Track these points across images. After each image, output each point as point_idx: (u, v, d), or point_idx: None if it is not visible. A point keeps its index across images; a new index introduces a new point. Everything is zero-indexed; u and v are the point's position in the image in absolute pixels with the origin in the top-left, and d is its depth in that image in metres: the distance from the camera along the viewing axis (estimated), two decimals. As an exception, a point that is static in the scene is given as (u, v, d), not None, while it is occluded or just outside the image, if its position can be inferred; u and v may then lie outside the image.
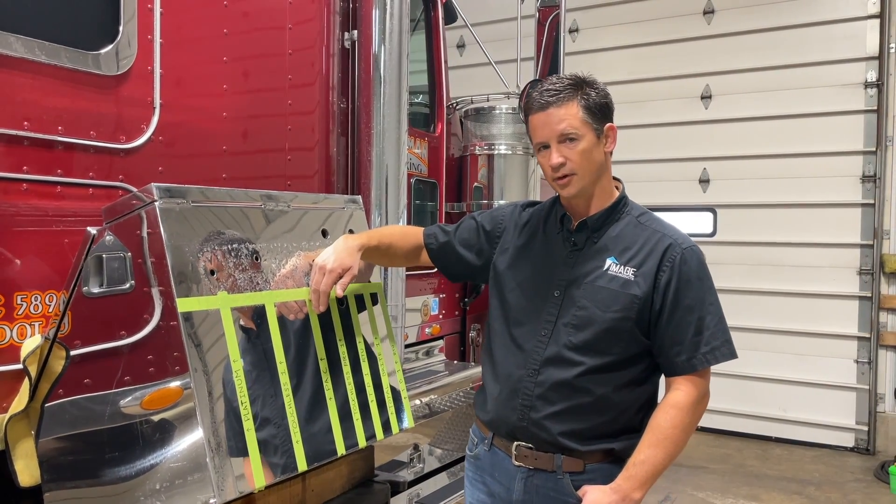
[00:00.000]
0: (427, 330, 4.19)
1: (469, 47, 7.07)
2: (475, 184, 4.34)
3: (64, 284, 2.06)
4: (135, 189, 2.20)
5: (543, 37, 4.34)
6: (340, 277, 1.93)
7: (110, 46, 2.14)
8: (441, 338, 4.39)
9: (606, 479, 1.84)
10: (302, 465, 1.84)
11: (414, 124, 3.96)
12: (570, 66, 4.09)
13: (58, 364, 1.98)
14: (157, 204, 1.73)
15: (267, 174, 2.68)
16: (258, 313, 1.87)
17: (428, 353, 4.24)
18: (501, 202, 4.28)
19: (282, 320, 1.92)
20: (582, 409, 1.86)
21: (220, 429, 1.70)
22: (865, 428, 6.05)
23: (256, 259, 1.91)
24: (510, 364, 1.94)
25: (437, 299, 4.33)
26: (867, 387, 6.01)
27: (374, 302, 2.24)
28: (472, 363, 4.56)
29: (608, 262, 1.88)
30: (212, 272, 1.79)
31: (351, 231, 2.23)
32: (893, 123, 5.97)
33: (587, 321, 1.86)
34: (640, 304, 1.83)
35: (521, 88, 4.10)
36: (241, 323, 1.83)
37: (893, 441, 5.91)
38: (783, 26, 6.37)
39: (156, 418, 2.26)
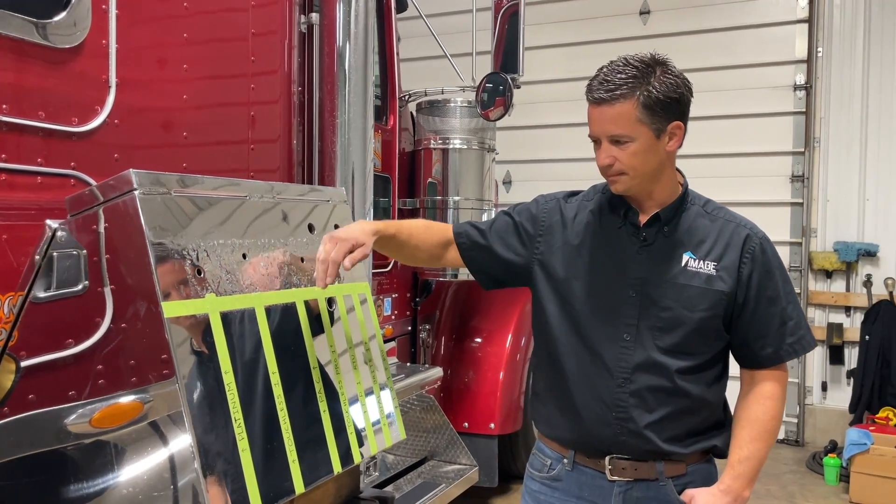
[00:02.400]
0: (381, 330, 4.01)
1: (405, 41, 6.90)
2: (429, 179, 4.19)
3: (11, 287, 1.79)
4: (87, 177, 1.94)
5: (496, 30, 4.23)
6: (352, 251, 1.69)
7: (62, 15, 1.88)
8: (392, 339, 4.22)
9: (704, 478, 1.77)
10: (299, 486, 1.64)
11: (366, 116, 3.79)
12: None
13: (7, 379, 1.72)
14: (136, 193, 1.50)
15: (230, 166, 2.45)
16: (247, 318, 1.67)
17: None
18: (456, 198, 4.15)
19: (271, 325, 1.72)
20: (682, 412, 1.75)
21: (214, 453, 1.49)
22: (795, 420, 6.24)
23: (244, 257, 1.70)
24: (590, 375, 1.79)
25: (389, 299, 4.16)
26: (797, 380, 6.20)
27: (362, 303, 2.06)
28: (424, 365, 4.42)
29: (685, 257, 1.76)
30: (198, 271, 1.57)
31: (336, 227, 2.04)
32: (821, 125, 6.17)
33: (675, 323, 1.74)
34: (727, 300, 1.74)
35: (478, 83, 3.97)
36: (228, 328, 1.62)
37: (821, 433, 6.12)
38: (716, 28, 6.49)
39: (109, 437, 2.02)
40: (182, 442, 1.52)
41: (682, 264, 1.75)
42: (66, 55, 1.90)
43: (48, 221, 1.71)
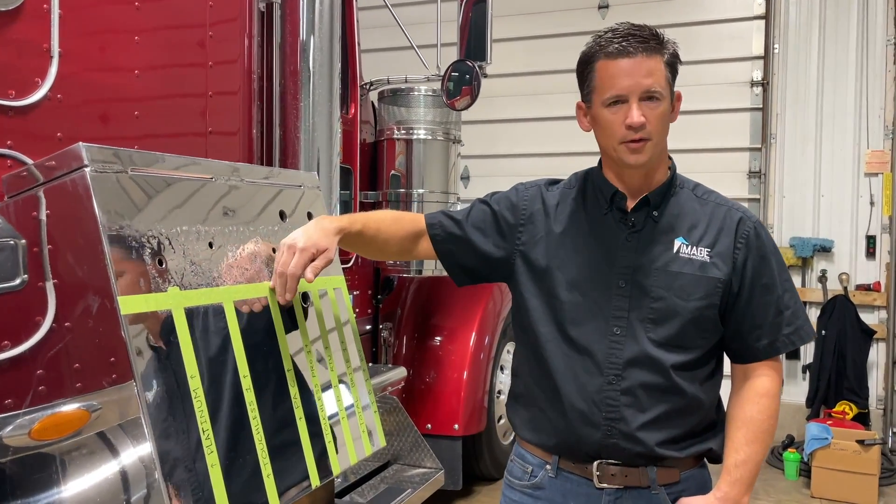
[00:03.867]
0: (342, 329, 3.82)
1: (367, 31, 6.71)
2: (392, 171, 4.01)
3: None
4: (25, 158, 1.72)
5: (461, 15, 4.07)
6: (313, 260, 1.55)
7: (-5, -29, 1.66)
8: (353, 339, 4.04)
9: (699, 487, 1.64)
10: (274, 502, 1.46)
11: (326, 104, 3.59)
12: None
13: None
14: (87, 171, 1.29)
15: (186, 148, 2.23)
16: (215, 315, 1.47)
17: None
18: (420, 191, 3.98)
19: (240, 323, 1.53)
20: (677, 411, 1.62)
21: (179, 469, 1.29)
22: (752, 415, 6.28)
23: (210, 246, 1.51)
24: (578, 373, 1.65)
25: (350, 297, 3.96)
26: (754, 375, 6.24)
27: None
28: (387, 364, 4.25)
29: (677, 243, 1.63)
30: (160, 262, 1.37)
31: (310, 214, 1.85)
32: (777, 122, 6.21)
33: (668, 313, 1.61)
34: (722, 288, 1.62)
35: (443, 72, 3.81)
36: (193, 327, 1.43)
37: (778, 427, 6.15)
38: (674, 24, 6.46)
39: (53, 451, 1.81)
40: (135, 454, 1.33)
41: (675, 251, 1.64)
42: (1, 20, 1.67)
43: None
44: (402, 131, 3.97)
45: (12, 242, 1.63)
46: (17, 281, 1.70)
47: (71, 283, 1.50)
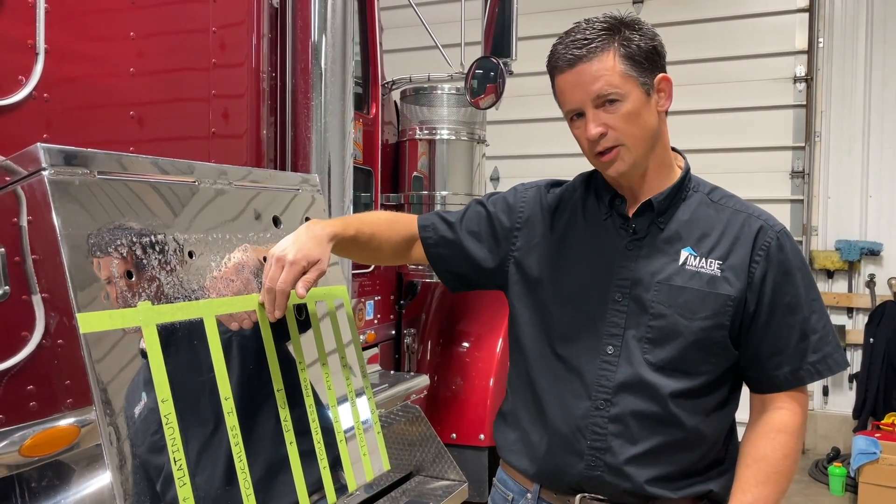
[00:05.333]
0: (361, 337, 3.70)
1: (390, 31, 6.61)
2: (414, 173, 3.87)
3: None
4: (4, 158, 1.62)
5: (486, 12, 3.92)
6: (304, 273, 1.42)
7: (-28, -38, 1.56)
8: (375, 345, 3.91)
9: None
10: (258, 540, 1.33)
11: (346, 104, 3.47)
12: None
13: None
14: (45, 174, 1.18)
15: (186, 149, 2.13)
16: (193, 330, 1.35)
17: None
18: (444, 193, 3.84)
19: (224, 339, 1.40)
20: (673, 446, 1.44)
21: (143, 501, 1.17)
22: (795, 426, 6.01)
23: (190, 256, 1.38)
24: (563, 395, 1.48)
25: (371, 302, 3.85)
26: (797, 385, 5.98)
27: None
28: (409, 372, 4.12)
29: (684, 253, 1.45)
30: (129, 274, 1.25)
31: (307, 219, 1.72)
32: (822, 119, 5.94)
33: (669, 333, 1.43)
34: (734, 307, 1.43)
35: (467, 69, 3.67)
36: (166, 346, 1.30)
37: (823, 439, 5.88)
38: (712, 18, 6.25)
39: (43, 467, 1.73)
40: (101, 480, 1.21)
41: (680, 262, 1.46)
42: (-22, 13, 1.58)
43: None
44: (425, 131, 3.84)
45: (-10, 251, 1.54)
46: (-1, 292, 1.61)
47: (44, 297, 1.40)
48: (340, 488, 1.57)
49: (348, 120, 2.60)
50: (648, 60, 1.41)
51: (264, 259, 1.54)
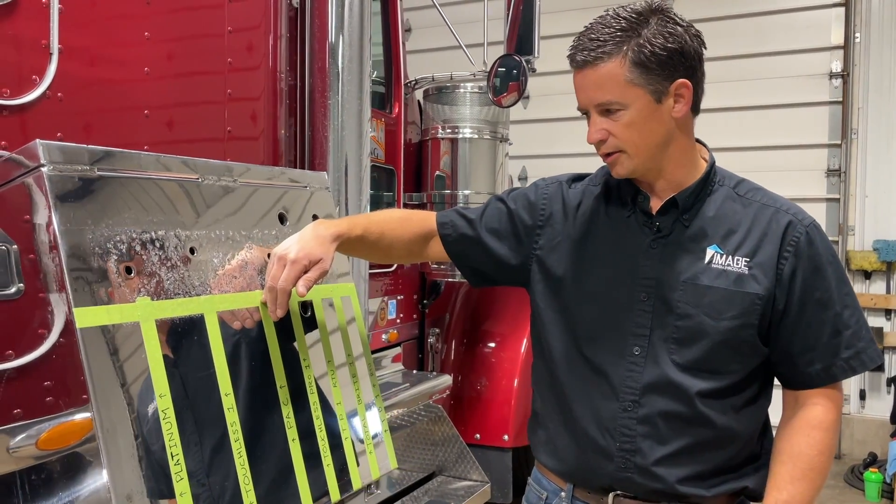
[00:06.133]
0: (384, 336, 3.70)
1: (417, 31, 6.61)
2: (437, 172, 3.86)
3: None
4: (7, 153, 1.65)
5: (509, 10, 3.90)
6: (306, 271, 1.42)
7: (-14, -36, 1.59)
8: (398, 344, 3.91)
9: None
10: (257, 536, 1.33)
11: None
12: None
13: None
14: (44, 171, 1.19)
15: (201, 149, 2.14)
16: (193, 326, 1.35)
17: (382, 363, 3.76)
18: (466, 192, 3.83)
19: (226, 336, 1.41)
20: (703, 445, 1.42)
21: (137, 498, 1.18)
22: (831, 430, 5.87)
23: (192, 252, 1.39)
24: (591, 395, 1.47)
25: (394, 301, 3.84)
26: (833, 388, 5.84)
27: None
28: (433, 372, 4.11)
29: (710, 251, 1.42)
30: (128, 270, 1.26)
31: (315, 217, 1.72)
32: (859, 116, 5.79)
33: (695, 333, 1.41)
34: (762, 305, 1.40)
35: (489, 67, 3.65)
36: (166, 342, 1.31)
37: (859, 444, 5.74)
38: (746, 14, 6.13)
39: (57, 460, 1.76)
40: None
41: (706, 261, 1.43)
42: (-7, 14, 1.61)
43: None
44: (447, 130, 3.82)
45: (3, 248, 1.56)
46: (13, 290, 1.63)
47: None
48: (345, 485, 1.56)
49: (365, 119, 2.60)
50: (664, 66, 1.35)
51: (268, 256, 1.55)
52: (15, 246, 1.58)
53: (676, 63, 1.36)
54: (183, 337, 1.32)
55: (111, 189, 1.28)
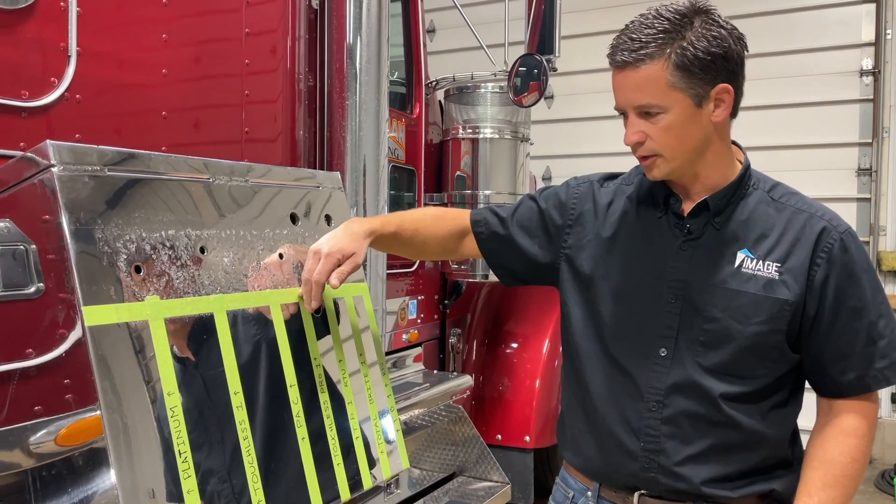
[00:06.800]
0: (404, 336, 3.71)
1: (440, 32, 6.61)
2: (458, 172, 3.86)
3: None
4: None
5: (530, 9, 3.88)
6: (339, 265, 1.47)
7: (6, -32, 1.62)
8: (419, 345, 3.92)
9: None
10: (265, 535, 1.34)
11: (390, 104, 3.48)
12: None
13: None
14: (54, 170, 1.21)
15: (219, 151, 2.16)
16: (203, 325, 1.37)
17: (402, 362, 3.76)
18: (487, 192, 3.81)
19: (235, 335, 1.42)
20: (729, 446, 1.42)
21: (143, 495, 1.19)
22: (861, 435, 5.76)
23: (202, 252, 1.40)
24: (617, 394, 1.47)
25: (415, 301, 3.85)
26: (863, 391, 5.72)
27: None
28: (453, 372, 4.10)
29: (740, 255, 1.41)
30: (137, 269, 1.28)
31: (328, 217, 1.73)
32: (891, 113, 5.68)
33: (722, 337, 1.40)
34: (791, 311, 1.38)
35: (510, 67, 3.63)
36: (175, 341, 1.32)
37: (890, 448, 5.61)
38: (773, 11, 6.04)
39: (77, 455, 1.79)
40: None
41: (736, 265, 1.41)
42: (13, 17, 1.64)
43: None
44: (468, 130, 3.82)
45: (22, 248, 1.58)
46: (32, 289, 1.65)
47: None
48: (355, 485, 1.56)
49: (383, 119, 2.61)
50: (706, 70, 1.33)
51: (280, 256, 1.56)
52: (34, 246, 1.61)
53: (719, 67, 1.34)
54: (192, 336, 1.33)
55: (122, 189, 1.29)
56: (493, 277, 3.93)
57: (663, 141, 1.36)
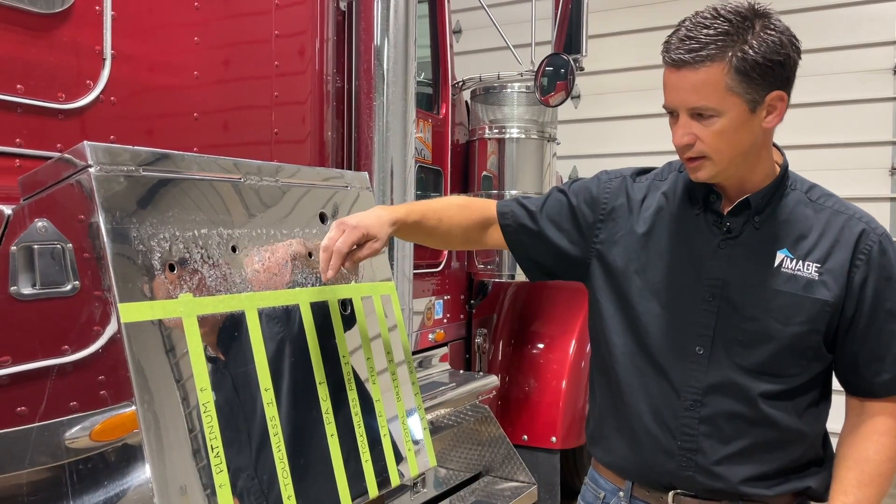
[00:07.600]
0: (430, 336, 3.72)
1: (466, 33, 6.62)
2: (484, 172, 3.86)
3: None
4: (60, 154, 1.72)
5: (557, 9, 3.87)
6: (362, 241, 1.45)
7: (44, -26, 1.66)
8: (444, 344, 3.93)
9: None
10: (295, 529, 1.36)
11: (416, 105, 3.50)
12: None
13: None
14: (91, 171, 1.24)
15: (249, 151, 2.19)
16: (234, 322, 1.39)
17: (428, 362, 3.78)
18: (513, 192, 3.81)
19: (266, 332, 1.44)
20: (767, 445, 1.42)
21: (177, 490, 1.21)
22: (895, 438, 5.66)
23: (234, 251, 1.43)
24: (651, 392, 1.47)
25: (441, 301, 3.86)
26: None
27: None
28: (479, 372, 4.11)
29: (780, 255, 1.41)
30: (171, 267, 1.30)
31: (354, 215, 1.75)
32: (925, 111, 5.58)
33: (761, 337, 1.40)
34: (830, 312, 1.39)
35: (537, 66, 3.63)
36: (207, 338, 1.34)
37: (925, 453, 5.51)
38: (804, 8, 5.96)
39: (110, 451, 1.82)
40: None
41: (776, 264, 1.41)
42: (50, 21, 1.67)
43: (0, 207, 1.48)
44: (495, 130, 3.82)
45: (58, 246, 1.62)
46: (68, 287, 1.69)
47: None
48: (383, 482, 1.58)
49: (410, 120, 2.62)
50: (764, 76, 1.31)
51: (309, 255, 1.58)
52: (70, 245, 1.65)
53: (777, 74, 1.32)
54: (223, 333, 1.35)
55: (156, 189, 1.32)
56: (519, 277, 3.97)
57: (714, 145, 1.34)
